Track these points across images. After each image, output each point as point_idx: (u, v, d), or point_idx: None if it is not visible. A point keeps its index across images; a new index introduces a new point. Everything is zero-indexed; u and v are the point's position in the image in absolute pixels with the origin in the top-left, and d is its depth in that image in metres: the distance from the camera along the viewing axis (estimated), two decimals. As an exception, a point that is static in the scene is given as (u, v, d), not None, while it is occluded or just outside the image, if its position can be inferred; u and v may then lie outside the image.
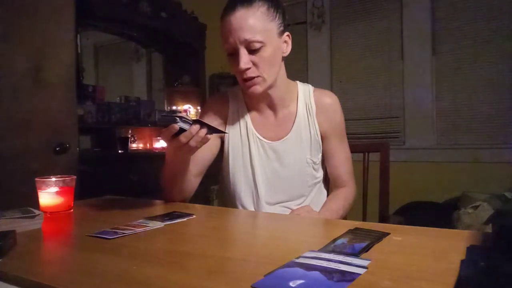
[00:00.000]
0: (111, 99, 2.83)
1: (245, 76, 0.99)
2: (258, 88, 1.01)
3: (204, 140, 0.87)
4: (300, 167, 1.10)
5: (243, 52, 0.97)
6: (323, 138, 1.13)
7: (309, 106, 1.12)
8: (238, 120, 1.14)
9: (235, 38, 0.96)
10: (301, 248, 0.59)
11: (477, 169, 2.67)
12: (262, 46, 0.97)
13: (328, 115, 1.13)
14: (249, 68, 0.98)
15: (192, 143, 0.84)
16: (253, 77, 0.99)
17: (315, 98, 1.13)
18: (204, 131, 0.84)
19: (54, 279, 0.51)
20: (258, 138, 1.11)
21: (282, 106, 1.12)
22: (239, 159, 1.12)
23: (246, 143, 1.11)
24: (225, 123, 1.15)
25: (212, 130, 0.87)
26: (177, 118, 0.80)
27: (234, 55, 0.99)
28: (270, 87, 1.05)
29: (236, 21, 0.96)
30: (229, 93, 1.18)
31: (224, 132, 1.08)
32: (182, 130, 0.82)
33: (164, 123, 0.83)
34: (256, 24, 0.96)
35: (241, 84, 1.04)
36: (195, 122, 0.83)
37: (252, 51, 0.97)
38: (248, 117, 1.13)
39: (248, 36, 0.95)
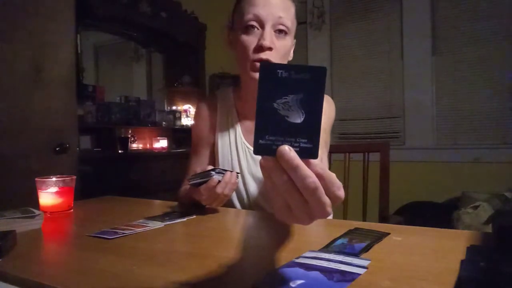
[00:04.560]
0: (111, 99, 2.83)
1: (262, 56, 0.91)
2: None
3: (235, 186, 0.88)
4: None
5: (270, 30, 0.92)
6: None
7: None
8: (227, 127, 1.09)
9: (268, 12, 0.91)
10: (301, 248, 0.59)
11: (477, 169, 2.67)
12: (287, 34, 0.94)
13: None
14: (271, 49, 0.91)
15: (226, 191, 0.86)
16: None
17: None
18: (234, 176, 0.88)
19: (54, 279, 0.51)
20: (247, 147, 1.06)
21: None
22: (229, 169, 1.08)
23: (235, 153, 1.06)
24: (214, 130, 1.10)
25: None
26: (212, 172, 0.85)
27: (253, 29, 0.92)
28: None
29: None
30: (219, 95, 1.13)
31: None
32: (201, 183, 0.86)
33: (201, 179, 0.86)
34: (291, 12, 0.95)
35: (249, 65, 0.94)
36: (211, 171, 0.86)
37: (277, 33, 0.93)
38: (238, 125, 1.08)
39: (283, 14, 0.92)
